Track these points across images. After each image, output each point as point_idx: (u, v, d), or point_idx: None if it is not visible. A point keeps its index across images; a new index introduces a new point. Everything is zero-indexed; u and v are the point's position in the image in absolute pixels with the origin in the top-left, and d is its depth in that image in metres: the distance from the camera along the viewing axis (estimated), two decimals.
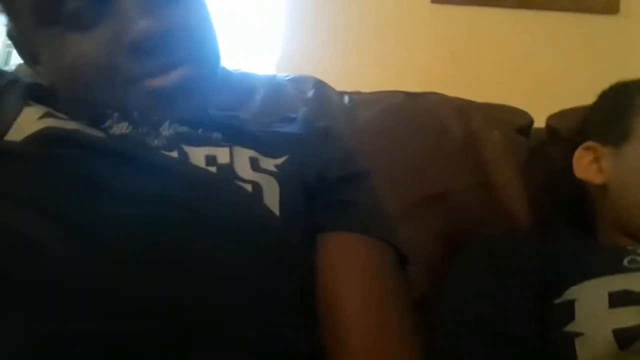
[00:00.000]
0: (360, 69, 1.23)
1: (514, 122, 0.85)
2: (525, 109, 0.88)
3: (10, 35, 0.54)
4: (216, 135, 0.51)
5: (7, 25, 0.53)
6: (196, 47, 0.49)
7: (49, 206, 0.37)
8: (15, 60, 1.50)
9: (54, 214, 0.36)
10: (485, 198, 0.75)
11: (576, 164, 0.66)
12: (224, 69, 0.72)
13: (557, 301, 0.50)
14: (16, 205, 0.36)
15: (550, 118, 0.87)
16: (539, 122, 0.87)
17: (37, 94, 0.50)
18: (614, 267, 0.49)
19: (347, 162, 0.57)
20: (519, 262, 0.57)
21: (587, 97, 0.75)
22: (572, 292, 0.49)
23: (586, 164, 0.66)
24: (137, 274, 0.35)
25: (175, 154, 0.46)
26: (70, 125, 0.45)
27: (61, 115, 0.47)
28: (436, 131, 0.81)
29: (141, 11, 0.44)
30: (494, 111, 0.87)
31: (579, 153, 0.67)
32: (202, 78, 0.50)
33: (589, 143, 0.67)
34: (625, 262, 0.49)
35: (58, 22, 0.45)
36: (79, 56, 0.46)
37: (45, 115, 0.46)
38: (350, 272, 0.48)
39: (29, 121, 0.45)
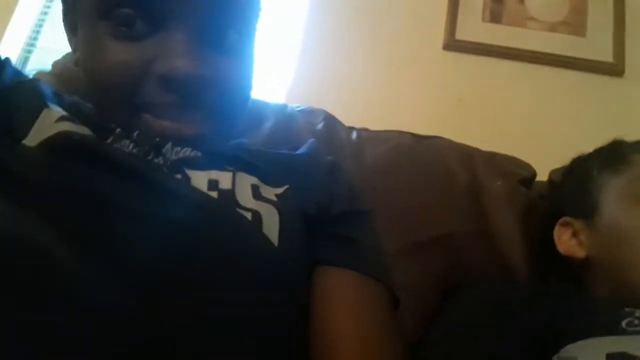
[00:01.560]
0: (369, 107, 1.24)
1: (517, 173, 0.86)
2: (528, 161, 0.90)
3: None
4: (219, 160, 0.51)
5: None
6: (224, 102, 0.49)
7: (60, 218, 0.37)
8: (32, 65, 1.52)
9: (65, 227, 0.36)
10: (485, 245, 0.75)
11: (557, 241, 0.68)
12: None
13: (554, 358, 0.50)
14: (28, 215, 0.36)
15: (553, 173, 0.88)
16: (542, 176, 0.89)
17: (53, 100, 0.50)
18: (612, 328, 0.49)
19: (351, 199, 0.57)
20: (516, 309, 0.57)
21: None
22: (569, 350, 0.49)
23: (567, 239, 0.67)
24: (139, 293, 0.35)
25: (178, 176, 0.46)
26: (84, 130, 0.45)
27: (75, 119, 0.47)
28: (441, 174, 0.82)
29: (187, 50, 0.44)
30: (498, 161, 0.88)
31: (557, 230, 0.69)
32: (216, 133, 0.50)
33: (564, 219, 0.69)
34: (623, 324, 0.49)
35: (108, 20, 0.45)
36: (111, 61, 0.45)
37: (61, 119, 0.46)
38: (345, 308, 0.47)
39: (47, 124, 0.45)
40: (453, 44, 1.35)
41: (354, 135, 0.90)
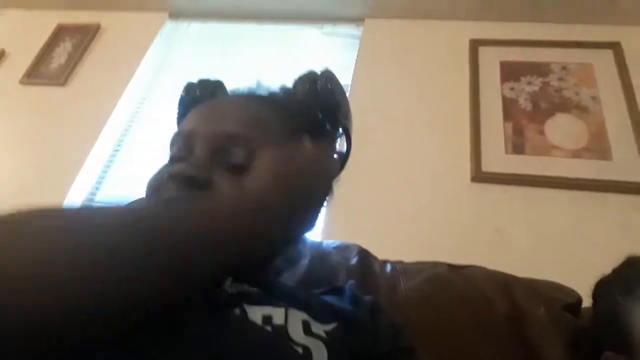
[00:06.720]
0: (403, 239, 1.27)
1: (560, 299, 0.83)
2: (574, 288, 0.87)
3: None
4: (272, 296, 0.55)
5: None
6: None
7: None
8: None
9: None
10: None
11: None
12: None
13: None
14: None
15: None
16: (588, 302, 0.85)
17: None
18: None
19: (394, 337, 0.58)
20: None
21: None
22: None
23: None
24: None
25: (237, 310, 0.50)
26: None
27: None
28: (479, 304, 0.81)
29: (193, 160, 0.55)
30: (538, 287, 0.86)
31: None
32: None
33: (607, 354, 0.64)
34: None
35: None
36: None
37: None
38: None
39: None
40: (480, 176, 1.41)
41: (389, 268, 0.91)
